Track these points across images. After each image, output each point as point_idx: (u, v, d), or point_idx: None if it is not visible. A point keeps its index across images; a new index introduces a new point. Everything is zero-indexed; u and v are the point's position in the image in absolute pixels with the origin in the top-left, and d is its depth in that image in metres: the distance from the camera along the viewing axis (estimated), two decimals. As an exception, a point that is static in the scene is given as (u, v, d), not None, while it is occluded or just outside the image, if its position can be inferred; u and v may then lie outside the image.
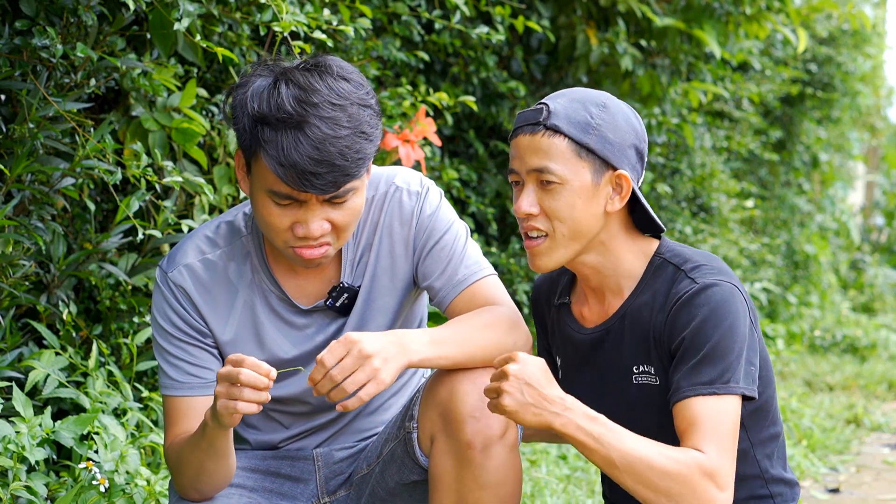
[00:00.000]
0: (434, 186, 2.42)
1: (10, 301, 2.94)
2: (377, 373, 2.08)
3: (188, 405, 2.33)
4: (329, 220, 2.21)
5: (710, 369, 2.14)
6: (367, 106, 2.19)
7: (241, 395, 2.05)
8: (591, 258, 2.30)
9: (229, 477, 2.30)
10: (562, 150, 2.21)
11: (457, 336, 2.22)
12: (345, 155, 2.14)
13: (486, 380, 2.20)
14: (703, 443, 2.09)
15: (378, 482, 2.39)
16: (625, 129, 2.23)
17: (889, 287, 12.63)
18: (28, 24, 2.87)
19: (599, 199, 2.23)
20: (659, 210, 6.95)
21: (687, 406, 2.13)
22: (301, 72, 2.17)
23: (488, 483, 2.20)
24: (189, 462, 2.26)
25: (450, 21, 4.34)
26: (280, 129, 2.12)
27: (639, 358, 2.28)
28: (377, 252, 2.39)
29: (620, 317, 2.30)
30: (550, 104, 2.24)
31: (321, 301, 2.38)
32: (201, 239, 2.38)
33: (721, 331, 2.15)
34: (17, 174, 2.86)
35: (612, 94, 2.31)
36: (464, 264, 2.36)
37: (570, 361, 2.40)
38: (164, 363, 2.34)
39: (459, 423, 2.19)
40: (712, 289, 2.18)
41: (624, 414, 2.28)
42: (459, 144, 5.38)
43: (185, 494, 2.33)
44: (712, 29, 5.54)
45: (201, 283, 2.35)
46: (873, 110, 13.34)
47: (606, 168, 2.22)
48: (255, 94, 2.16)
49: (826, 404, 6.51)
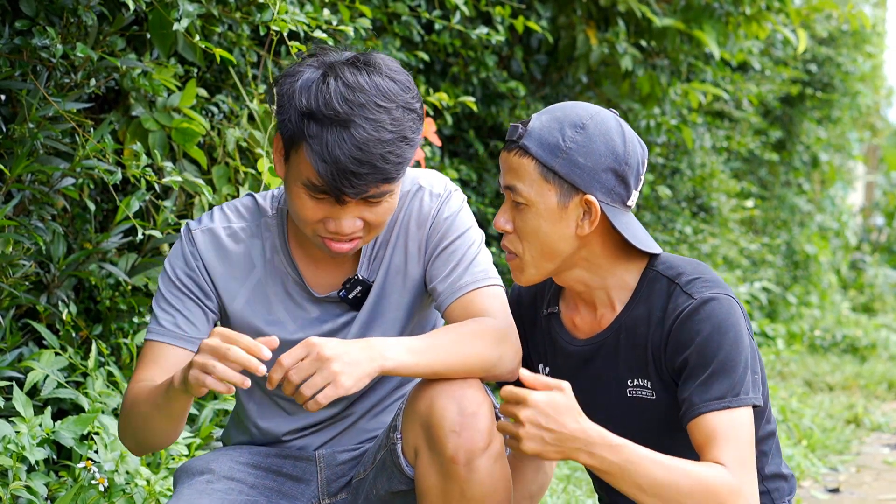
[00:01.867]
0: (458, 192, 2.42)
1: (10, 301, 2.95)
2: (336, 376, 2.06)
3: (164, 353, 2.32)
4: (362, 217, 2.22)
5: (720, 384, 2.15)
6: (412, 109, 2.20)
7: (214, 370, 2.02)
8: (576, 273, 2.28)
9: (170, 440, 2.30)
10: (529, 172, 2.19)
11: (437, 345, 2.19)
12: (386, 158, 2.14)
13: (465, 392, 2.17)
14: (724, 455, 2.10)
15: (371, 488, 2.38)
16: (601, 152, 2.18)
17: (889, 287, 12.63)
18: (28, 24, 2.88)
19: (568, 222, 2.20)
20: (659, 210, 6.95)
21: (703, 422, 2.15)
22: (350, 68, 2.18)
23: (475, 496, 2.17)
24: (140, 412, 2.26)
25: (450, 21, 4.34)
26: (326, 125, 2.13)
27: (634, 372, 2.28)
28: (392, 249, 2.39)
29: (615, 330, 2.28)
30: (532, 121, 2.21)
31: (335, 291, 2.38)
32: (230, 208, 2.41)
33: (727, 346, 2.16)
34: (17, 174, 2.86)
35: (602, 109, 2.24)
36: (469, 271, 2.34)
37: (560, 372, 2.38)
38: (158, 309, 2.35)
39: (441, 440, 2.16)
40: (712, 303, 2.18)
41: (617, 426, 2.29)
42: (459, 144, 5.38)
43: (122, 439, 2.34)
44: (712, 29, 5.54)
45: (221, 249, 2.36)
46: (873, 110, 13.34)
47: (575, 192, 2.19)
48: (304, 87, 2.16)
49: (826, 404, 6.51)
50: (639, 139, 2.25)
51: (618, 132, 2.21)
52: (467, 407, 2.17)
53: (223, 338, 2.04)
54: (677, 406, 2.24)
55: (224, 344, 2.03)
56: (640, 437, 2.27)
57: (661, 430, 2.29)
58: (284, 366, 2.06)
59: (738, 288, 8.09)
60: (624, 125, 2.23)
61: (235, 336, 2.04)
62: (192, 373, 2.06)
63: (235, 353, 2.02)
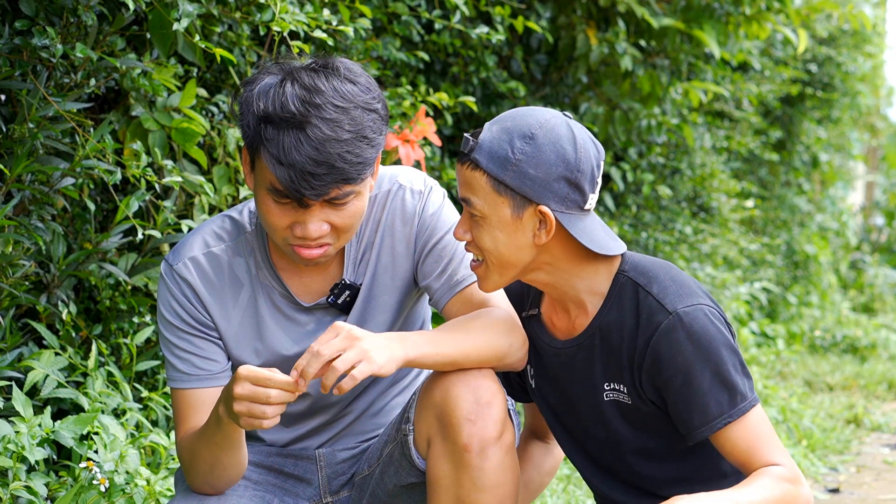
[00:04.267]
0: (437, 186, 2.42)
1: (10, 301, 2.95)
2: (368, 353, 2.08)
3: (197, 398, 2.33)
4: (329, 221, 2.21)
5: (716, 403, 2.18)
6: (372, 110, 2.19)
7: (265, 414, 2.06)
8: (541, 276, 2.28)
9: (242, 470, 2.31)
10: (482, 185, 2.18)
11: (453, 336, 2.22)
12: (344, 158, 2.13)
13: (481, 382, 2.20)
14: (768, 457, 2.18)
15: (378, 484, 2.39)
16: (551, 161, 2.15)
17: (889, 287, 12.62)
18: (28, 24, 2.87)
19: (524, 231, 2.20)
20: (659, 210, 6.94)
21: (727, 438, 2.20)
22: (308, 72, 2.18)
23: (486, 485, 2.20)
24: (203, 457, 2.26)
25: (450, 21, 4.34)
26: (282, 128, 2.13)
27: (609, 376, 2.29)
28: (378, 250, 2.39)
29: (590, 335, 2.29)
30: (483, 133, 2.20)
31: (323, 298, 2.38)
32: (207, 233, 2.38)
33: (712, 363, 2.18)
34: (17, 174, 2.86)
35: (554, 115, 2.20)
36: (463, 265, 2.36)
37: (542, 372, 2.40)
38: (171, 356, 2.34)
39: (455, 427, 2.19)
40: (686, 319, 2.18)
41: (598, 429, 2.34)
42: (459, 144, 5.38)
43: (198, 489, 2.33)
44: (712, 29, 5.54)
45: (206, 277, 2.35)
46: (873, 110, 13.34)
47: (528, 203, 2.18)
48: (261, 93, 2.16)
49: (826, 404, 6.51)
50: (593, 140, 2.22)
51: (568, 139, 2.18)
52: (483, 396, 2.20)
53: (254, 381, 2.07)
54: (654, 413, 2.27)
55: (264, 390, 2.06)
56: (622, 440, 2.31)
57: (641, 432, 2.32)
58: (315, 349, 2.07)
59: (738, 288, 8.09)
60: (576, 130, 2.20)
61: (266, 377, 2.06)
62: (242, 422, 2.09)
63: (278, 396, 2.06)
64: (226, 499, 2.33)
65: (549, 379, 2.39)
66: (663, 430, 2.30)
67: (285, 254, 2.35)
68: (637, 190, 6.60)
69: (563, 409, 2.39)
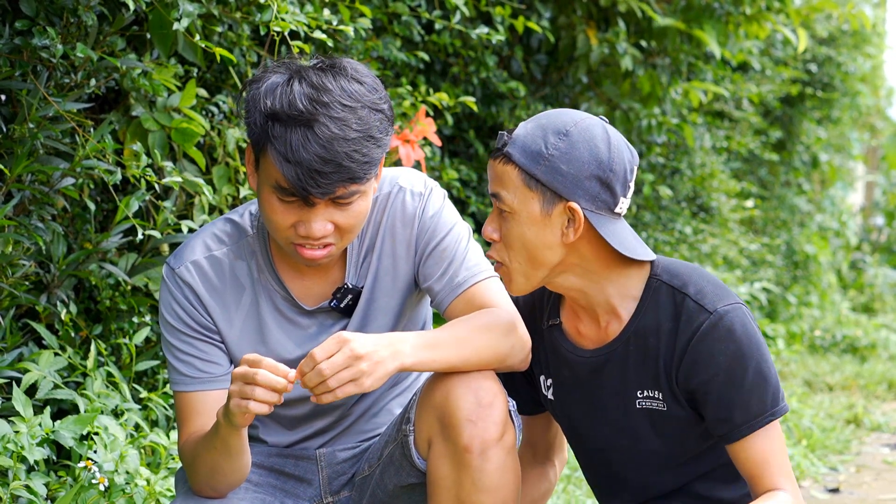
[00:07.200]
0: (438, 188, 2.41)
1: (10, 301, 2.95)
2: (361, 376, 2.09)
3: (200, 400, 2.33)
4: (333, 221, 2.21)
5: (759, 400, 2.18)
6: (379, 110, 2.19)
7: (253, 395, 2.06)
8: (570, 280, 2.25)
9: (244, 475, 2.30)
10: (513, 179, 2.18)
11: (452, 339, 2.21)
12: (352, 157, 2.14)
13: (482, 383, 2.19)
14: (779, 480, 2.18)
15: (378, 484, 2.39)
16: (584, 159, 2.15)
17: (889, 287, 12.62)
18: (28, 24, 2.87)
19: (553, 229, 2.18)
20: (659, 210, 6.95)
21: (749, 446, 2.19)
22: (315, 71, 2.18)
23: (487, 486, 2.19)
24: (204, 461, 2.26)
25: (450, 21, 4.34)
26: (290, 125, 2.13)
27: (644, 383, 2.26)
28: (379, 253, 2.38)
29: (624, 340, 2.26)
30: (518, 129, 2.20)
31: (326, 302, 2.38)
32: (209, 236, 2.38)
33: (755, 360, 2.18)
34: (17, 174, 2.86)
35: (590, 116, 2.21)
36: (464, 266, 2.35)
37: (564, 382, 2.36)
38: (174, 359, 2.34)
39: (456, 428, 2.18)
40: (727, 318, 2.18)
41: (625, 437, 2.31)
42: (459, 144, 5.38)
43: (200, 492, 2.33)
44: (712, 29, 5.54)
45: (208, 280, 2.35)
46: (873, 110, 13.34)
47: (558, 199, 2.17)
48: (268, 91, 2.16)
49: (826, 404, 6.51)
50: (628, 145, 2.22)
51: (603, 139, 2.18)
52: (484, 397, 2.19)
53: (248, 363, 2.08)
54: (687, 418, 2.25)
55: (251, 369, 2.07)
56: (649, 448, 2.29)
57: (671, 441, 2.29)
58: (317, 358, 2.08)
59: (738, 288, 8.09)
60: (611, 132, 2.20)
61: (258, 359, 2.07)
62: (232, 402, 2.09)
63: (263, 377, 2.06)
64: (227, 501, 2.33)
65: (571, 389, 2.35)
66: (687, 437, 2.28)
67: (287, 256, 2.34)
68: (637, 190, 6.60)
69: (587, 419, 2.35)
